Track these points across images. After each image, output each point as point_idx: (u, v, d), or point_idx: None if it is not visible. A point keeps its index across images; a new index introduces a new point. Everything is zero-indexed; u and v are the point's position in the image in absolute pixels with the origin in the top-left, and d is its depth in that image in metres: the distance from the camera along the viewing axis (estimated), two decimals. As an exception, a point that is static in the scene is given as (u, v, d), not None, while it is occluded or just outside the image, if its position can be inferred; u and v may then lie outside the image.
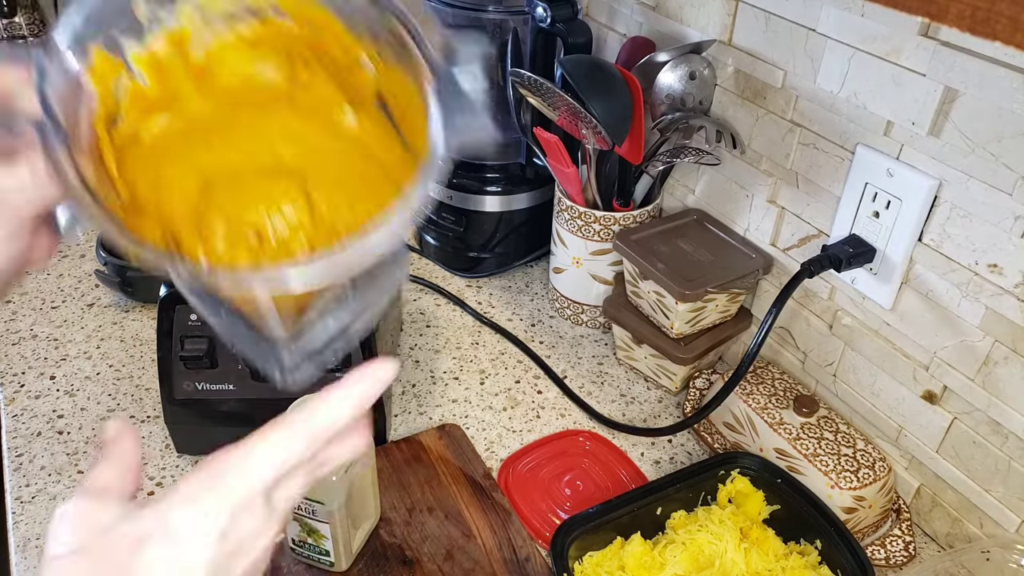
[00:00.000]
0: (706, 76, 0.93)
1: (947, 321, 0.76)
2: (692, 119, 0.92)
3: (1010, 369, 0.72)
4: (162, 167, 0.49)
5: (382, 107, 0.52)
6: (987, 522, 0.78)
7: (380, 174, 0.51)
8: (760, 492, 0.81)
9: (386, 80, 0.51)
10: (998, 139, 0.67)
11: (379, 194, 0.49)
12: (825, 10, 0.78)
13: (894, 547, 0.81)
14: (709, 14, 0.93)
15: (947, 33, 0.68)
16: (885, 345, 0.83)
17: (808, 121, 0.84)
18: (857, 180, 0.80)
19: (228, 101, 0.53)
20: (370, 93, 0.52)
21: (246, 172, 0.50)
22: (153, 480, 0.85)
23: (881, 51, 0.74)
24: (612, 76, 0.92)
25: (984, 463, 0.76)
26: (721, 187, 0.99)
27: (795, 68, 0.84)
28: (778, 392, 0.88)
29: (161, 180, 0.48)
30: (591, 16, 1.14)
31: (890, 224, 0.78)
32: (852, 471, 0.79)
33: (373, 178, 0.51)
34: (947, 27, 0.39)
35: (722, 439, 0.91)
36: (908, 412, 0.82)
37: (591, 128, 0.91)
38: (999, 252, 0.70)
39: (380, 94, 0.52)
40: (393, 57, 0.50)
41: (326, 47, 0.52)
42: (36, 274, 1.13)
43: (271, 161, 0.51)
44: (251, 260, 0.46)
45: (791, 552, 0.77)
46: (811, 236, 0.88)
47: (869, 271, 0.81)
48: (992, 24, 0.36)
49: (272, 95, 0.53)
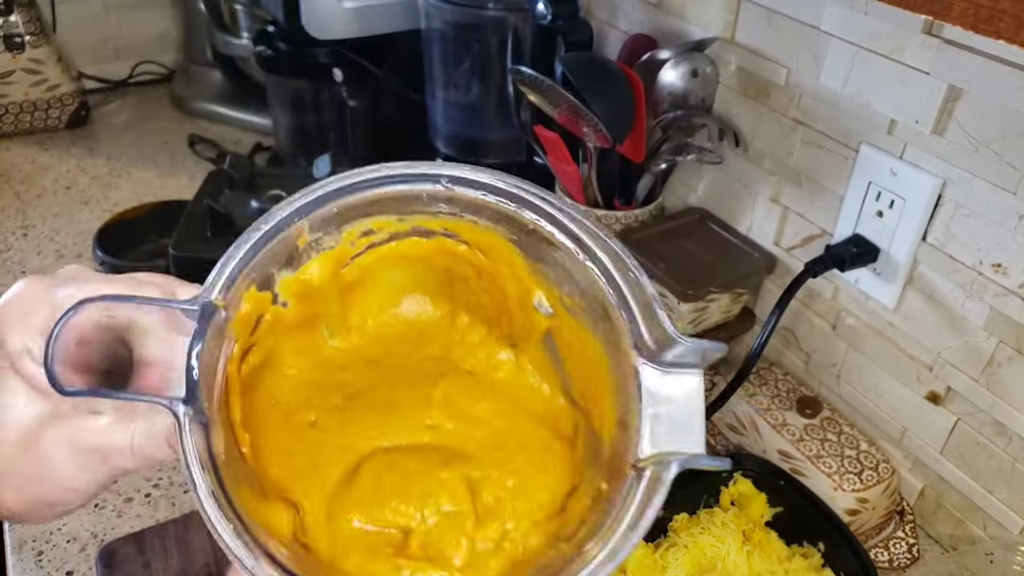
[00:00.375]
0: (708, 74, 0.92)
1: (951, 321, 0.75)
2: (694, 117, 0.92)
3: (1014, 370, 0.71)
4: (300, 418, 0.44)
5: (549, 348, 0.47)
6: (991, 524, 0.77)
7: (547, 439, 0.45)
8: (763, 494, 0.80)
9: (565, 327, 0.45)
10: (1002, 137, 0.66)
11: (551, 469, 0.44)
12: (828, 8, 0.77)
13: (898, 549, 0.80)
14: (711, 11, 0.92)
15: (951, 31, 0.67)
16: (889, 346, 0.82)
17: (811, 119, 0.83)
18: (860, 179, 0.79)
19: (374, 334, 0.48)
20: (538, 332, 0.47)
21: (396, 447, 0.44)
22: (149, 482, 0.85)
23: (885, 49, 0.73)
24: (613, 74, 0.91)
25: (988, 464, 0.76)
26: (724, 186, 0.98)
27: (798, 66, 0.83)
28: (781, 393, 0.87)
29: (290, 433, 0.43)
30: (592, 13, 1.13)
31: (894, 223, 0.77)
32: (855, 473, 0.79)
33: (541, 448, 0.45)
34: (951, 25, 0.38)
35: (725, 441, 0.90)
36: (912, 413, 0.82)
37: (592, 126, 0.90)
38: (1003, 252, 0.69)
39: (550, 333, 0.47)
40: (586, 315, 0.44)
41: (496, 275, 0.46)
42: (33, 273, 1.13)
43: (424, 434, 0.45)
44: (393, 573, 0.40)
45: (794, 555, 0.76)
46: (814, 235, 0.87)
47: (873, 271, 0.81)
48: (995, 22, 0.36)
49: (423, 331, 0.49)
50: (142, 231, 1.15)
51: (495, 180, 0.42)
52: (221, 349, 0.39)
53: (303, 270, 0.43)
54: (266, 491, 0.41)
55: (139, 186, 1.35)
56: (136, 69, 1.65)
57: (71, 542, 0.78)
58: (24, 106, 1.43)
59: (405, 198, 0.43)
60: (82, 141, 1.47)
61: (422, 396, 0.46)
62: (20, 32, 1.37)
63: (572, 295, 0.44)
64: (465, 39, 1.08)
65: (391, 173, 0.41)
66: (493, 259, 0.46)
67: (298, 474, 0.42)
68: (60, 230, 1.23)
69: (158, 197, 1.27)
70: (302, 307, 0.44)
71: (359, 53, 1.15)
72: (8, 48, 1.37)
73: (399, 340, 0.49)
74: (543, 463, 0.45)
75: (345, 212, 0.42)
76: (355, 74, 1.17)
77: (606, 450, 0.42)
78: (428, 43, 1.12)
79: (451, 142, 1.17)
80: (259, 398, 0.43)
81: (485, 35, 1.07)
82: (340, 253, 0.44)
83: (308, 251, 0.43)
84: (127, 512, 0.81)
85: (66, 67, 1.46)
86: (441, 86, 1.14)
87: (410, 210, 0.44)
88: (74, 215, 1.26)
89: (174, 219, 0.94)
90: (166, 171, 1.39)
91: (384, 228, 0.45)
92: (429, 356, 0.48)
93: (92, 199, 1.31)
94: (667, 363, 0.39)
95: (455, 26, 1.08)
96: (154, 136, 1.50)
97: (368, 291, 0.47)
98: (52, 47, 1.42)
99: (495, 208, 0.42)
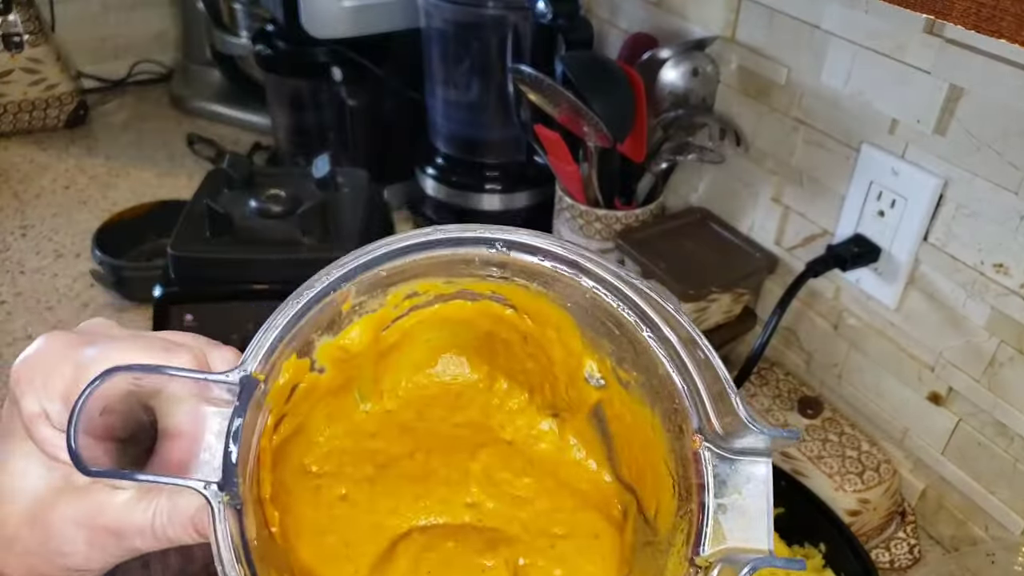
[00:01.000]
0: (709, 73, 0.92)
1: (952, 321, 0.75)
2: (695, 116, 0.91)
3: (1016, 370, 0.71)
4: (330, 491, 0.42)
5: (597, 418, 0.44)
6: (992, 525, 0.77)
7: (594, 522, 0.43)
8: (763, 494, 0.80)
9: (617, 400, 0.42)
10: (1004, 137, 0.66)
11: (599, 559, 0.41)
12: (829, 7, 0.77)
13: (899, 550, 0.80)
14: (712, 10, 0.92)
15: (952, 30, 0.67)
16: (890, 346, 0.82)
17: (812, 119, 0.83)
18: (862, 179, 0.79)
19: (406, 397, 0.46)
20: (587, 404, 0.44)
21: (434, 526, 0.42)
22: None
23: (886, 48, 0.73)
24: (614, 73, 0.91)
25: (989, 465, 0.75)
26: (725, 185, 0.98)
27: (799, 65, 0.83)
28: (782, 394, 0.87)
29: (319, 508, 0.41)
30: (593, 12, 1.13)
31: (895, 223, 0.77)
32: (857, 473, 0.79)
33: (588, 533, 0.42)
34: (952, 24, 0.38)
35: (725, 440, 0.90)
36: (913, 413, 0.81)
37: (593, 125, 0.90)
38: (1005, 252, 0.69)
39: (600, 405, 0.44)
40: (644, 391, 0.40)
41: (543, 341, 0.43)
42: (30, 274, 1.13)
43: (464, 513, 0.43)
44: None
45: (795, 555, 0.76)
46: (816, 235, 0.87)
47: (874, 271, 0.80)
48: (997, 21, 0.36)
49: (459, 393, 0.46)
50: (141, 231, 1.14)
51: (554, 246, 0.39)
52: (256, 424, 0.36)
53: (343, 335, 0.40)
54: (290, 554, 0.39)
55: (138, 186, 1.35)
56: (135, 68, 1.64)
57: (70, 543, 0.77)
58: (23, 105, 1.43)
59: (457, 262, 0.40)
60: (81, 140, 1.47)
61: (460, 468, 0.44)
62: (19, 31, 1.36)
63: (630, 369, 0.41)
64: (465, 38, 1.08)
65: (444, 237, 0.39)
66: (540, 323, 0.43)
67: (330, 555, 0.39)
68: (59, 230, 1.22)
69: (157, 197, 1.26)
70: (338, 372, 0.42)
71: (358, 52, 1.15)
72: (7, 47, 1.36)
73: (433, 403, 0.46)
74: (590, 551, 0.42)
75: (392, 276, 0.40)
76: (354, 73, 1.17)
77: (662, 540, 0.38)
78: (428, 42, 1.12)
79: (451, 142, 1.16)
80: (288, 469, 0.41)
81: (485, 34, 1.07)
82: (383, 316, 0.42)
83: (351, 315, 0.40)
84: (126, 513, 0.81)
85: (65, 66, 1.46)
86: (441, 85, 1.14)
87: (459, 273, 0.41)
88: (73, 215, 1.26)
89: (173, 219, 0.93)
90: (165, 171, 1.39)
91: (430, 290, 0.42)
92: (465, 422, 0.46)
93: (91, 199, 1.30)
94: (734, 450, 0.36)
95: (455, 25, 1.07)
96: (153, 136, 1.50)
97: (403, 353, 0.45)
98: (51, 46, 1.42)
99: (551, 274, 0.40)
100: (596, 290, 0.39)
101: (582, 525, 0.43)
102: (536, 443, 0.45)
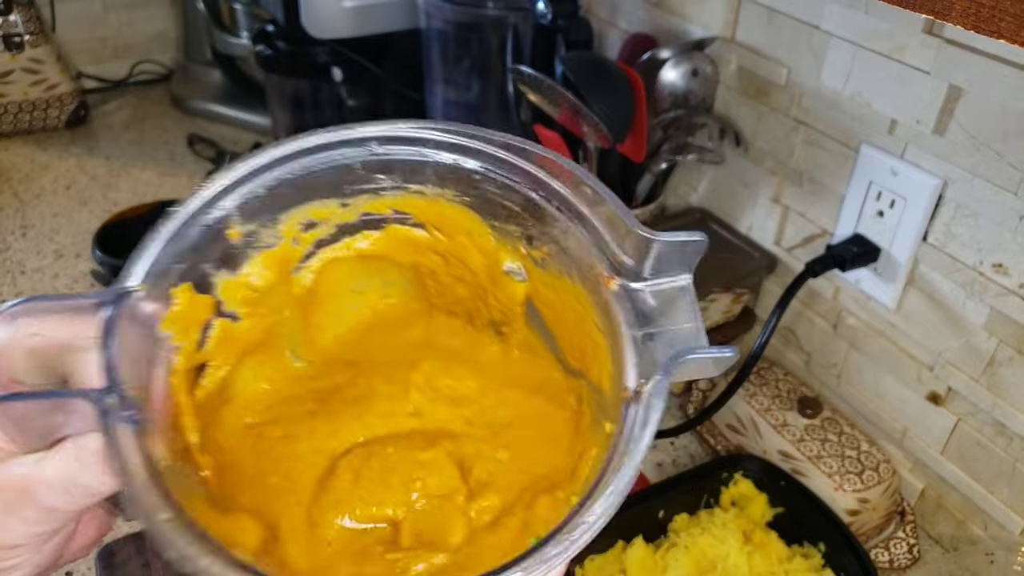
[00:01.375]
0: (709, 73, 0.92)
1: (952, 322, 0.75)
2: (695, 117, 0.92)
3: (1015, 370, 0.71)
4: (270, 434, 0.40)
5: (534, 318, 0.43)
6: (991, 524, 0.77)
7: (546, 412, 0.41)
8: (763, 495, 0.80)
9: (541, 284, 0.42)
10: (1003, 137, 0.66)
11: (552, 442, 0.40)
12: (829, 7, 0.77)
13: (898, 550, 0.80)
14: (712, 10, 0.92)
15: (952, 31, 0.67)
16: (889, 346, 0.82)
17: (812, 119, 0.83)
18: (861, 179, 0.79)
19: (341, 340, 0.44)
20: (519, 304, 0.43)
21: (376, 442, 0.40)
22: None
23: (885, 49, 0.73)
24: (614, 73, 0.91)
25: (989, 465, 0.75)
26: (724, 186, 0.98)
27: (799, 65, 0.83)
28: (782, 393, 0.87)
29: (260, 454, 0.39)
30: (592, 12, 1.13)
31: (894, 223, 0.77)
32: (856, 473, 0.79)
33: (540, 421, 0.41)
34: (952, 25, 0.38)
35: (725, 441, 0.90)
36: (912, 413, 0.82)
37: (592, 126, 0.90)
38: (1004, 252, 0.69)
39: (531, 302, 0.43)
40: (556, 261, 0.40)
41: (460, 253, 0.43)
42: (30, 274, 1.13)
43: (407, 422, 0.41)
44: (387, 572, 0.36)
45: (794, 555, 0.76)
46: (815, 235, 0.87)
47: (873, 271, 0.80)
48: (996, 22, 0.36)
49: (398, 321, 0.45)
50: (141, 231, 1.13)
51: (429, 132, 0.38)
52: (153, 349, 0.35)
53: (244, 273, 0.39)
54: (227, 508, 0.36)
55: (138, 185, 1.35)
56: (135, 68, 1.64)
57: (70, 542, 0.77)
58: (23, 105, 1.43)
59: (337, 172, 0.39)
60: (81, 140, 1.47)
61: (401, 382, 0.42)
62: (19, 31, 1.36)
63: (540, 245, 0.40)
64: (465, 38, 1.08)
65: (314, 143, 0.38)
66: (450, 233, 0.42)
67: (272, 494, 0.38)
68: (59, 230, 1.23)
69: (157, 197, 1.26)
70: (255, 321, 0.40)
71: (358, 52, 1.15)
72: (7, 47, 1.37)
73: (372, 333, 0.45)
74: (537, 435, 0.41)
75: (275, 197, 0.38)
76: (354, 73, 1.17)
77: (608, 397, 0.37)
78: (428, 42, 1.12)
79: (451, 141, 1.16)
80: (225, 433, 0.39)
81: (485, 34, 1.07)
82: (284, 253, 0.40)
83: (246, 249, 0.39)
84: (126, 512, 0.81)
85: (65, 66, 1.46)
86: (441, 85, 1.14)
87: (348, 190, 0.40)
88: (73, 215, 1.26)
89: (173, 219, 0.94)
90: (165, 170, 1.39)
91: (327, 218, 0.41)
92: (408, 343, 0.45)
93: (91, 199, 1.30)
94: (650, 276, 0.35)
95: (455, 25, 1.07)
96: (153, 135, 1.50)
97: (331, 304, 0.44)
98: (51, 46, 1.42)
99: (435, 167, 0.39)
100: (483, 171, 0.39)
101: (528, 413, 0.42)
102: (481, 355, 0.44)
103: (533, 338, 0.44)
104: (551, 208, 0.38)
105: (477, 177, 0.39)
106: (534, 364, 0.44)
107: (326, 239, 0.42)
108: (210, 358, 0.39)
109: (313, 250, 0.42)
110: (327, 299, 0.44)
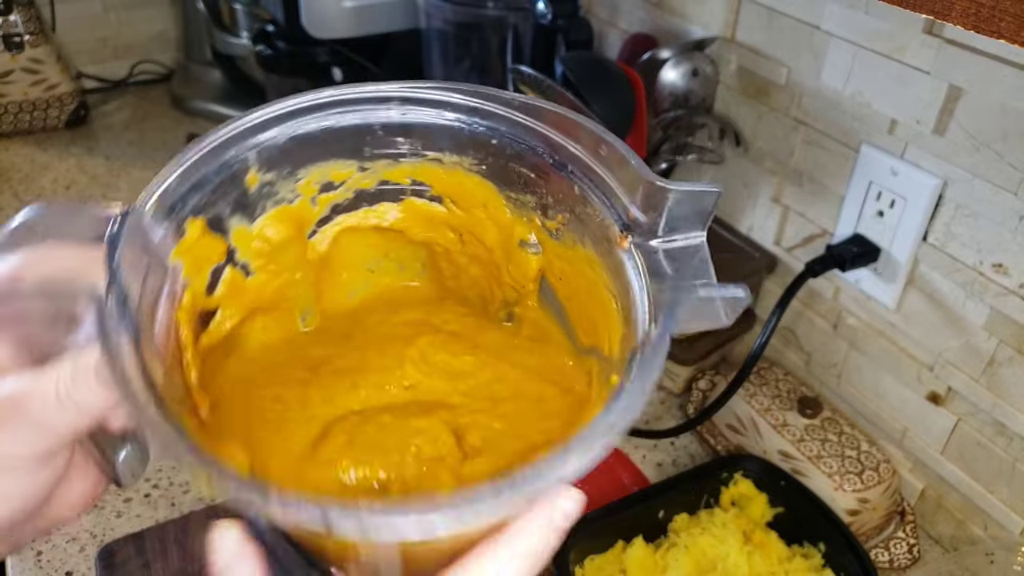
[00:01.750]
0: (709, 73, 0.92)
1: (952, 322, 0.75)
2: (695, 117, 0.92)
3: (1015, 370, 0.71)
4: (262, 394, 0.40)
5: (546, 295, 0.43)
6: (991, 524, 0.77)
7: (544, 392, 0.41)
8: (763, 495, 0.80)
9: (554, 256, 0.41)
10: (1003, 138, 0.66)
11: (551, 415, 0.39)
12: (829, 7, 0.77)
13: (898, 550, 0.80)
14: (712, 10, 0.92)
15: (952, 31, 0.67)
16: (889, 346, 0.82)
17: (812, 119, 0.83)
18: (861, 179, 0.79)
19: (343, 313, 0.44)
20: (532, 279, 0.43)
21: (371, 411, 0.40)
22: (149, 482, 0.84)
23: (885, 49, 0.73)
24: (614, 73, 0.91)
25: (989, 465, 0.75)
26: (724, 185, 0.98)
27: (799, 65, 0.83)
28: (782, 393, 0.87)
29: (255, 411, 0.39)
30: (593, 12, 1.13)
31: (894, 224, 0.77)
32: (856, 473, 0.79)
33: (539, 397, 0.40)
34: (952, 25, 0.38)
35: (725, 441, 0.90)
36: (912, 413, 0.82)
37: (592, 126, 0.90)
38: (1004, 252, 0.69)
39: (545, 284, 0.42)
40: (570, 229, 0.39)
41: (475, 228, 0.42)
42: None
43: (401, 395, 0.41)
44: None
45: (794, 555, 0.76)
46: (815, 235, 0.87)
47: (873, 271, 0.80)
48: (996, 22, 0.36)
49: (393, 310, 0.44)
50: (141, 231, 1.14)
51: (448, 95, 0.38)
52: (163, 277, 0.34)
53: (260, 224, 0.39)
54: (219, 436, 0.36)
55: (138, 185, 1.32)
56: (135, 68, 1.64)
57: (70, 542, 0.78)
58: (23, 105, 1.43)
59: (357, 132, 0.39)
60: (81, 140, 1.47)
61: (395, 356, 0.42)
62: (19, 31, 1.36)
63: (554, 214, 0.40)
64: (465, 38, 1.08)
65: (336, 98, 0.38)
66: (467, 206, 0.42)
67: (263, 445, 0.37)
68: (59, 230, 1.22)
69: (157, 197, 1.26)
70: (267, 277, 0.40)
71: (358, 52, 1.15)
72: (7, 48, 1.36)
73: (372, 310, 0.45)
74: (535, 409, 0.40)
75: (294, 147, 0.38)
76: (354, 73, 1.17)
77: (616, 360, 0.36)
78: (428, 42, 1.12)
79: (451, 141, 1.16)
80: (224, 376, 0.39)
81: (485, 34, 1.07)
82: (301, 211, 0.40)
83: (262, 199, 0.38)
84: (126, 512, 0.81)
85: (65, 66, 1.46)
86: (441, 85, 1.14)
87: (369, 153, 0.40)
88: (73, 215, 1.26)
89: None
90: (165, 171, 1.39)
91: (345, 181, 0.41)
92: (406, 321, 0.44)
93: (91, 199, 1.30)
94: (664, 233, 0.34)
95: (455, 25, 1.07)
96: (153, 135, 1.50)
97: (341, 272, 0.44)
98: (51, 46, 1.42)
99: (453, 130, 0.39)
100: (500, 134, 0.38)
101: (527, 390, 0.41)
102: (482, 336, 0.44)
103: (545, 319, 0.43)
104: (565, 171, 0.37)
105: (494, 142, 0.39)
106: (542, 352, 0.43)
107: (343, 204, 0.42)
108: (219, 305, 0.39)
109: (330, 214, 0.42)
110: (341, 270, 0.44)
